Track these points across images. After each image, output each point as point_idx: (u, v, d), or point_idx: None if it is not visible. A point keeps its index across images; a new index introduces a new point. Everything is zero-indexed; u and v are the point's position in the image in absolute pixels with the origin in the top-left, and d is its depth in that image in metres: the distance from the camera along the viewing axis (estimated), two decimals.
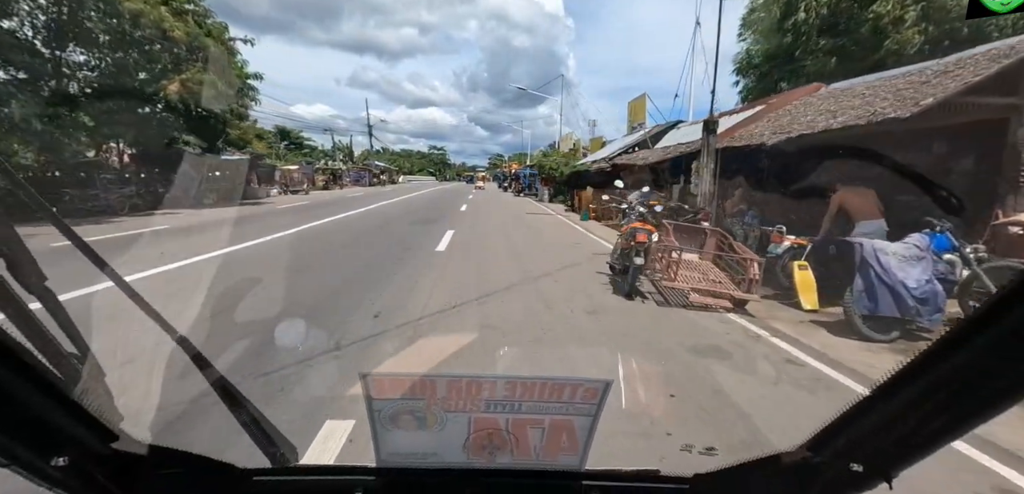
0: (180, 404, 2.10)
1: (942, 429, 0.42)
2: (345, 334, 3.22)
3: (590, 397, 0.59)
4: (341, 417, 2.11)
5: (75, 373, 0.54)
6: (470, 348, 3.27)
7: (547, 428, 0.62)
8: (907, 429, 0.44)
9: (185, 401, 2.12)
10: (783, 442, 0.53)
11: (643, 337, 3.51)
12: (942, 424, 0.42)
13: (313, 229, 8.82)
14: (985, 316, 0.34)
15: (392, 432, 0.60)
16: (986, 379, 0.36)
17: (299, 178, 26.73)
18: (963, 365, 0.37)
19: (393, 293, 4.34)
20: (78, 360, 0.55)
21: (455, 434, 0.61)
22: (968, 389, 0.38)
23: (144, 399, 2.08)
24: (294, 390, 2.38)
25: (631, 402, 2.54)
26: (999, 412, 0.38)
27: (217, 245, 6.63)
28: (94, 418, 0.46)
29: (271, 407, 2.16)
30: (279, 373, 2.56)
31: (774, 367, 3.10)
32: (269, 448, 0.68)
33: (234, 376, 2.39)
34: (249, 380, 2.45)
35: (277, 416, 0.85)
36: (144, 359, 2.34)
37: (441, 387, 0.59)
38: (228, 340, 2.98)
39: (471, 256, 6.42)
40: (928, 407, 0.41)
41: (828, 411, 0.46)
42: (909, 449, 0.45)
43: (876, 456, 0.47)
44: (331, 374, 2.64)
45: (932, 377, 0.40)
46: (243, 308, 3.80)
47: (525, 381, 0.58)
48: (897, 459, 0.45)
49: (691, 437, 2.10)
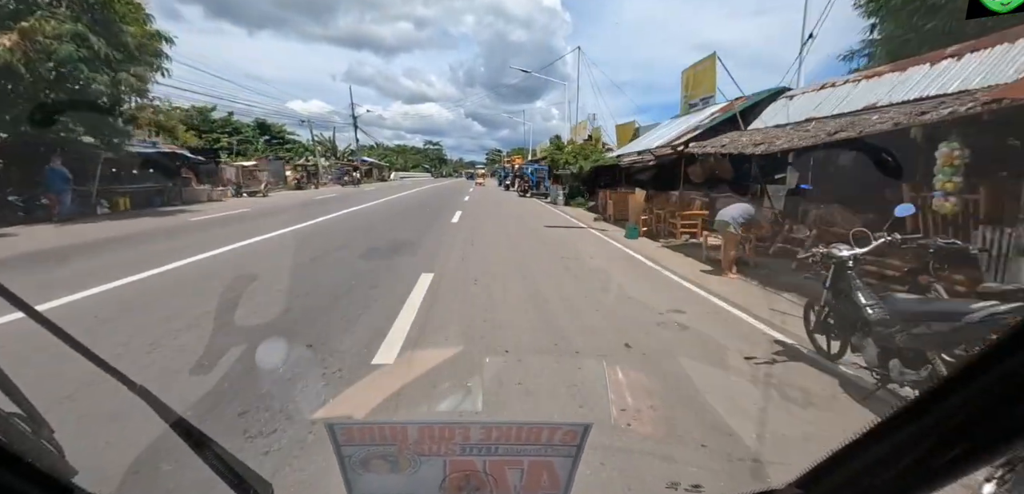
0: (139, 448, 1.98)
1: (943, 469, 0.41)
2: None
3: (570, 439, 0.59)
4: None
5: (18, 433, 0.53)
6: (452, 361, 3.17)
7: (526, 469, 0.61)
8: (897, 472, 0.44)
9: (147, 445, 2.00)
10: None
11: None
12: (943, 463, 0.41)
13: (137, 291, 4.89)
14: (982, 361, 0.35)
15: (364, 476, 0.60)
16: (981, 423, 0.37)
17: (261, 177, 24.52)
18: (958, 409, 0.37)
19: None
20: (21, 418, 0.55)
21: (430, 476, 0.60)
22: (970, 427, 0.38)
23: (98, 450, 2.03)
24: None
25: (617, 416, 2.51)
26: (996, 458, 0.39)
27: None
28: (44, 474, 0.43)
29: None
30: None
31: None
32: (240, 489, 0.62)
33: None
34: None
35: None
36: (94, 404, 2.35)
37: (412, 432, 0.59)
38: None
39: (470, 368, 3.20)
40: (920, 451, 0.42)
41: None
42: (904, 489, 0.44)
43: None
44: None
45: (925, 421, 0.41)
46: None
47: (501, 426, 0.59)
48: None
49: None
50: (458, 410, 2.54)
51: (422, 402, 2.57)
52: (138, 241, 7.90)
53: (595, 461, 2.01)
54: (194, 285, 4.90)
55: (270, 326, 3.65)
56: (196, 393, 2.56)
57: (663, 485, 1.90)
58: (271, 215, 12.63)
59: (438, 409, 2.51)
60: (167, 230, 9.49)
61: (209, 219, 11.52)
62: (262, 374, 2.82)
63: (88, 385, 2.43)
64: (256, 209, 14.79)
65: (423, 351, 3.28)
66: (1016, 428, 0.34)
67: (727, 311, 4.58)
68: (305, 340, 3.34)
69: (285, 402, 2.46)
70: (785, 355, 3.42)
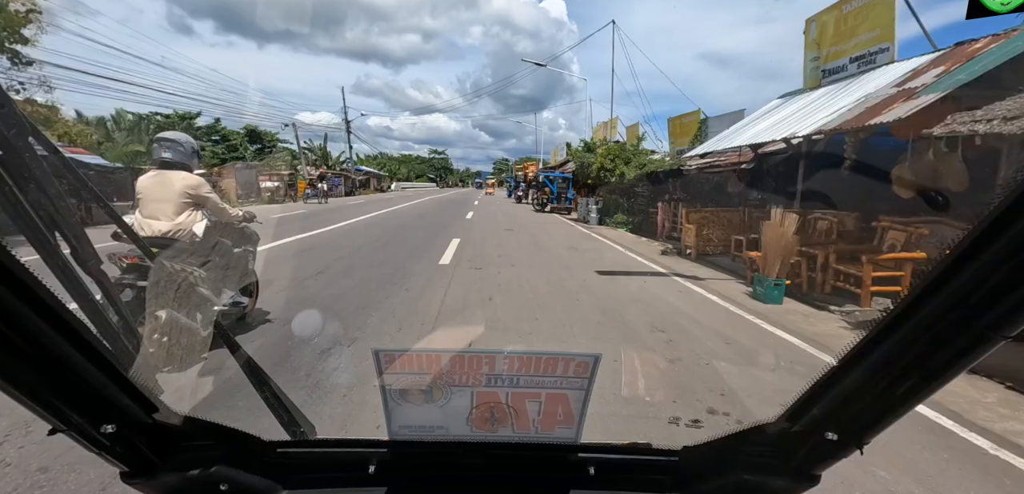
0: (208, 380, 2.74)
1: (904, 395, 0.49)
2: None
3: (582, 371, 0.70)
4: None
5: (124, 351, 0.69)
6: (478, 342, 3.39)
7: (544, 401, 0.72)
8: (872, 397, 0.52)
9: (215, 377, 2.74)
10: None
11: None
12: (904, 390, 0.49)
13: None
14: (932, 285, 0.39)
15: (402, 406, 0.73)
16: (939, 345, 0.42)
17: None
18: (916, 334, 0.42)
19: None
20: (128, 337, 0.70)
21: (460, 408, 0.72)
22: (924, 356, 0.43)
23: (178, 375, 2.32)
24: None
25: (629, 385, 3.11)
26: (954, 376, 0.45)
27: None
28: (139, 391, 0.57)
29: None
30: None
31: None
32: (290, 424, 0.80)
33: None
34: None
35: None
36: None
37: (445, 361, 0.71)
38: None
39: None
40: (889, 376, 0.49)
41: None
42: (876, 416, 0.53)
43: (848, 424, 0.56)
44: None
45: (889, 347, 0.47)
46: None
47: (522, 355, 0.72)
48: (866, 427, 0.55)
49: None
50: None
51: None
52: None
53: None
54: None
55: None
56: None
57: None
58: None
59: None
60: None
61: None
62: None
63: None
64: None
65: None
66: (972, 343, 0.39)
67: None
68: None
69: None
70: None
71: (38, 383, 0.47)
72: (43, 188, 0.59)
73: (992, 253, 0.34)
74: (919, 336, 0.43)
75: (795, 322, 4.88)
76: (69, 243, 0.60)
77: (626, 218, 15.40)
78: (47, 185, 0.59)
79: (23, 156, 0.55)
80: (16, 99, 10.30)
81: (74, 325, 0.45)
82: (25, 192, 0.54)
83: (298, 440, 0.79)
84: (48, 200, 0.58)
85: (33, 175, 0.57)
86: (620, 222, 15.49)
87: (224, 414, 2.03)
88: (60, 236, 0.59)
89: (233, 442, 0.71)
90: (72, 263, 0.60)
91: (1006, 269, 0.34)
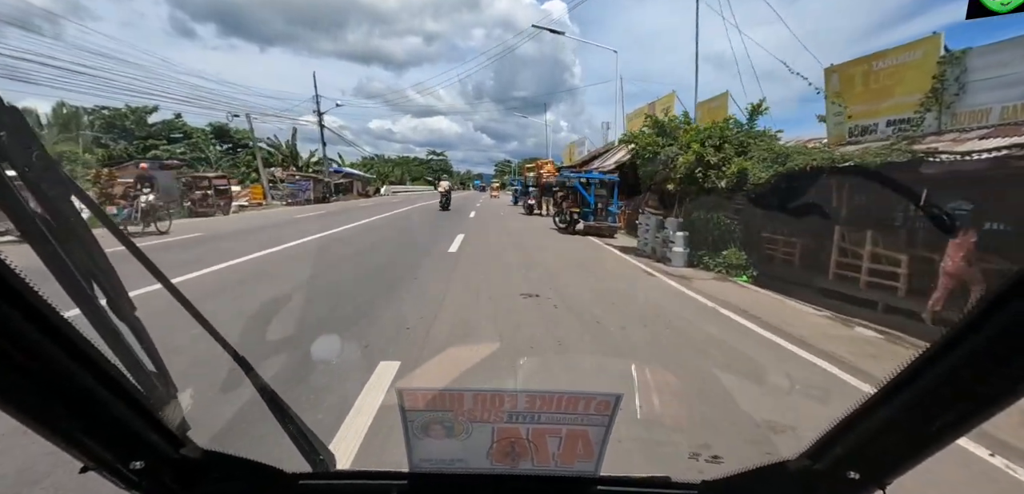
0: (229, 412, 3.01)
1: (931, 437, 0.54)
2: None
3: (603, 409, 0.79)
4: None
5: (153, 388, 0.79)
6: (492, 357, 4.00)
7: (564, 437, 0.81)
8: (897, 438, 0.58)
9: (235, 408, 3.03)
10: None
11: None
12: (930, 433, 0.53)
13: None
14: (967, 327, 0.42)
15: (423, 440, 0.81)
16: (971, 388, 0.46)
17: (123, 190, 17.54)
18: (947, 375, 0.47)
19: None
20: (157, 377, 0.81)
21: (480, 442, 0.82)
22: (954, 398, 0.48)
23: (201, 409, 2.98)
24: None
25: (646, 411, 3.14)
26: (981, 422, 0.48)
27: None
28: (167, 427, 0.69)
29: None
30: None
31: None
32: (312, 455, 0.89)
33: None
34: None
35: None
36: (200, 370, 3.61)
37: (467, 399, 0.80)
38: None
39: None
40: (916, 416, 0.54)
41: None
42: (900, 457, 0.59)
43: (871, 464, 0.63)
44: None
45: (916, 390, 0.52)
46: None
47: (543, 394, 0.80)
48: (890, 467, 0.60)
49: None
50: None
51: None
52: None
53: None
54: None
55: None
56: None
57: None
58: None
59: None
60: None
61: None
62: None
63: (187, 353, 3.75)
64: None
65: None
66: (1001, 391, 0.43)
67: None
68: None
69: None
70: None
71: (72, 424, 0.54)
72: (84, 243, 0.69)
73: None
74: (946, 382, 0.47)
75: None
76: (106, 294, 0.73)
77: (741, 258, 10.01)
78: (86, 239, 0.70)
79: (67, 216, 0.66)
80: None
81: (105, 367, 0.54)
82: (69, 252, 0.65)
83: (319, 472, 0.88)
84: (86, 256, 0.69)
85: (76, 232, 0.68)
86: (732, 264, 9.97)
87: (246, 446, 2.24)
88: (98, 287, 0.71)
89: (256, 475, 0.81)
90: (109, 313, 0.72)
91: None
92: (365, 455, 2.89)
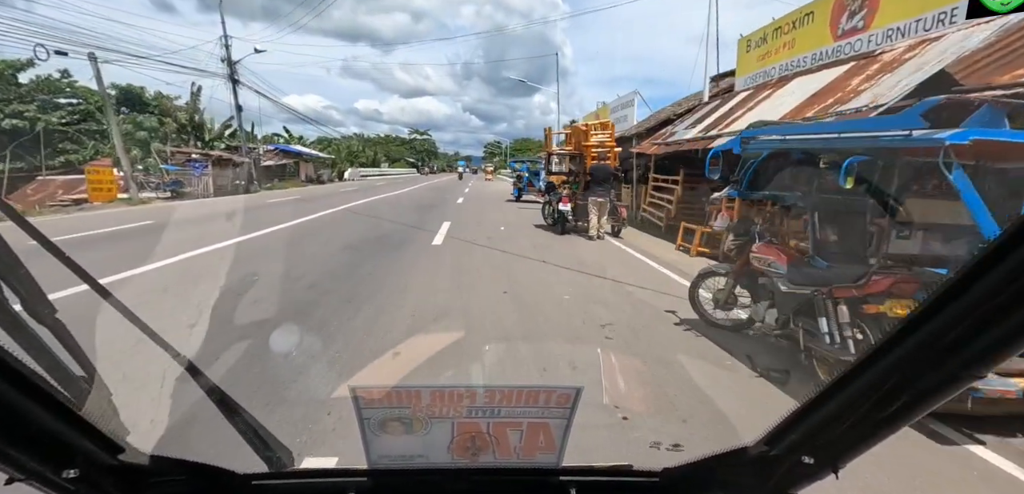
0: (178, 413, 2.84)
1: (881, 423, 0.58)
2: None
3: (564, 402, 0.80)
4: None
5: (83, 393, 0.75)
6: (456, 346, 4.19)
7: (525, 429, 0.82)
8: (849, 424, 0.62)
9: (184, 410, 2.84)
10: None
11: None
12: (881, 419, 0.58)
13: None
14: (916, 320, 0.46)
15: (381, 437, 0.81)
16: (913, 381, 0.50)
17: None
18: (892, 369, 0.51)
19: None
20: (86, 381, 0.77)
21: (440, 437, 0.82)
22: (899, 389, 0.52)
23: (145, 411, 2.82)
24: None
25: (611, 397, 3.39)
26: (927, 409, 0.53)
27: None
28: (101, 433, 0.63)
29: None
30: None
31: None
32: (266, 453, 0.87)
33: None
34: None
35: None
36: (141, 373, 3.31)
37: (425, 397, 0.80)
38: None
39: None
40: (867, 404, 0.58)
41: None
42: (853, 442, 0.63)
43: (825, 449, 0.66)
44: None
45: (867, 380, 0.57)
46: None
47: (503, 389, 0.81)
48: (843, 451, 0.64)
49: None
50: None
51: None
52: None
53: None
54: None
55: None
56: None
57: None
58: None
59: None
60: None
61: None
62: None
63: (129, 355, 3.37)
64: None
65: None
66: (945, 380, 0.47)
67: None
68: None
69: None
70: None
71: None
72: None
73: (966, 300, 0.42)
74: (895, 371, 0.51)
75: None
76: (18, 295, 0.69)
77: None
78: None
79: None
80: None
81: (23, 372, 0.51)
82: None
83: (274, 471, 0.85)
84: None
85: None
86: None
87: (197, 448, 2.12)
88: (8, 290, 0.66)
89: (204, 477, 0.78)
90: (24, 317, 0.68)
91: (978, 315, 0.42)
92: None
